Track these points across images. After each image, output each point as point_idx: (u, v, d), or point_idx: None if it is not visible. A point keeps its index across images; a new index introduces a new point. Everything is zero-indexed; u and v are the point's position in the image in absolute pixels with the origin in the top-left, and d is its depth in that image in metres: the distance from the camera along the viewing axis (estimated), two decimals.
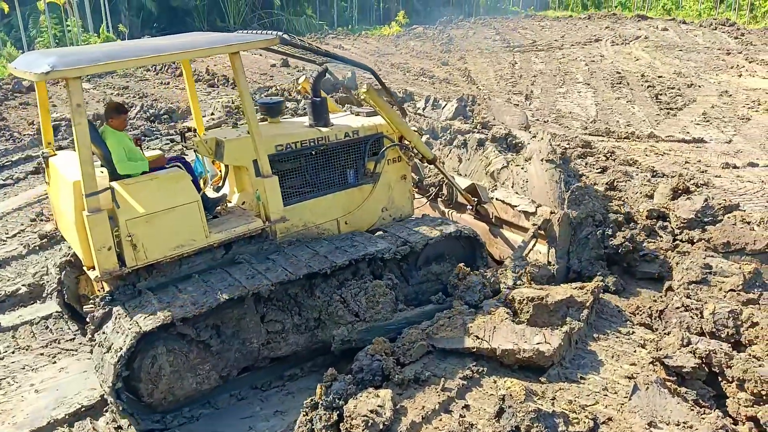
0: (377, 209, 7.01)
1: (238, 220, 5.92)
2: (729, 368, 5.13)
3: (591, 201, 7.59)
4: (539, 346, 5.39)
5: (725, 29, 36.39)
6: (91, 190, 4.93)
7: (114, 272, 5.16)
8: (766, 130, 15.03)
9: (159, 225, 5.27)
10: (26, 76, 5.06)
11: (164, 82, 23.00)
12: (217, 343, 5.43)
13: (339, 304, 5.86)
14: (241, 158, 6.02)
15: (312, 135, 6.48)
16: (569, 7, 64.28)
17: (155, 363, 5.13)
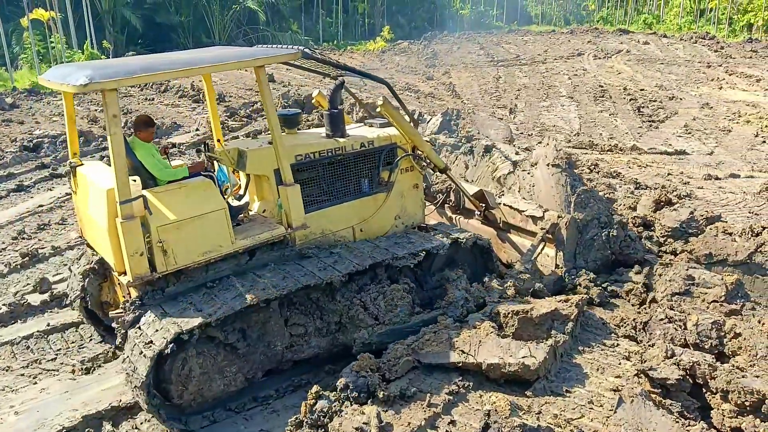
0: (391, 217, 7.19)
1: (261, 228, 6.11)
2: (713, 379, 5.15)
3: (596, 204, 7.83)
4: (524, 360, 5.38)
5: (705, 43, 36.98)
6: (125, 197, 5.10)
7: (145, 277, 5.31)
8: (747, 142, 15.24)
9: (188, 231, 5.44)
10: (63, 88, 5.20)
11: (149, 97, 22.94)
12: (243, 345, 5.57)
13: (359, 307, 6.03)
14: (263, 168, 6.21)
15: (330, 145, 6.67)
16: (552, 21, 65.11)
17: (186, 365, 5.27)
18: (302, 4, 50.61)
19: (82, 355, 6.69)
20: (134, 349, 5.20)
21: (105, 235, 5.43)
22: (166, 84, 24.70)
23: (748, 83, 23.69)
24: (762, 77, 24.60)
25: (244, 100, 21.46)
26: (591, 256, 7.54)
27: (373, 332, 5.97)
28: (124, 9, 37.56)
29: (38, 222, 10.75)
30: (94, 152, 14.95)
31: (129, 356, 5.23)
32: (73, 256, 7.20)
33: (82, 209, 6.23)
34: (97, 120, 18.40)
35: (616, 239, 7.67)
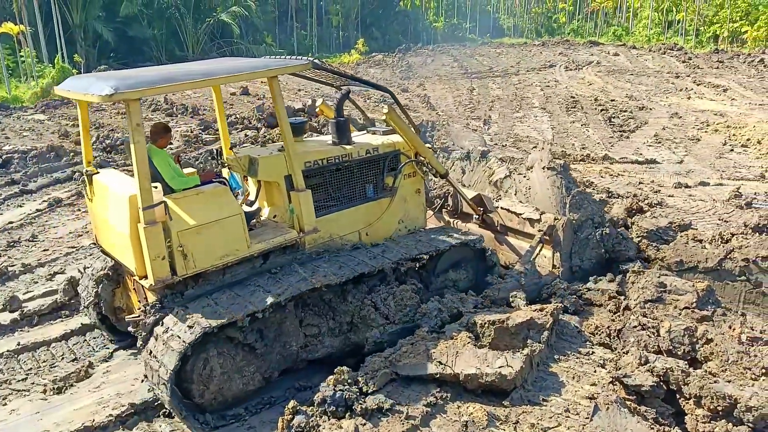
0: (394, 221, 7.42)
1: (274, 232, 6.28)
2: (686, 385, 5.22)
3: (590, 205, 8.18)
4: (501, 370, 5.40)
5: (673, 53, 37.77)
6: (147, 203, 5.23)
7: (166, 280, 5.44)
8: (716, 150, 15.57)
9: (207, 236, 5.59)
10: (86, 98, 5.37)
11: (121, 111, 22.67)
12: (261, 346, 5.74)
13: (370, 308, 6.24)
14: (274, 174, 6.40)
15: (337, 152, 6.88)
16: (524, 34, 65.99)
17: (207, 365, 5.43)
18: (276, 17, 50.69)
19: (53, 375, 6.56)
20: (159, 346, 5.30)
21: (126, 240, 5.52)
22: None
23: (716, 93, 24.25)
24: (729, 87, 25.20)
25: None
26: (586, 255, 7.79)
27: (385, 331, 6.21)
28: (96, 23, 37.25)
29: (8, 239, 10.54)
30: (65, 167, 14.72)
31: (154, 354, 5.32)
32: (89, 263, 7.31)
33: (99, 216, 6.33)
34: (69, 135, 18.15)
35: (609, 238, 7.93)
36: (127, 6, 38.29)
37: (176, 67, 6.23)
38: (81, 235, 10.55)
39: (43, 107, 23.67)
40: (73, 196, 12.62)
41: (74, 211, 11.83)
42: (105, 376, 6.43)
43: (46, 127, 20.19)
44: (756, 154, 15.14)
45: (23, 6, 30.92)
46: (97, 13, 37.79)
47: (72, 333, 7.32)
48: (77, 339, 7.23)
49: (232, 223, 5.73)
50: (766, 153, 14.98)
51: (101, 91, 5.05)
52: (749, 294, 7.02)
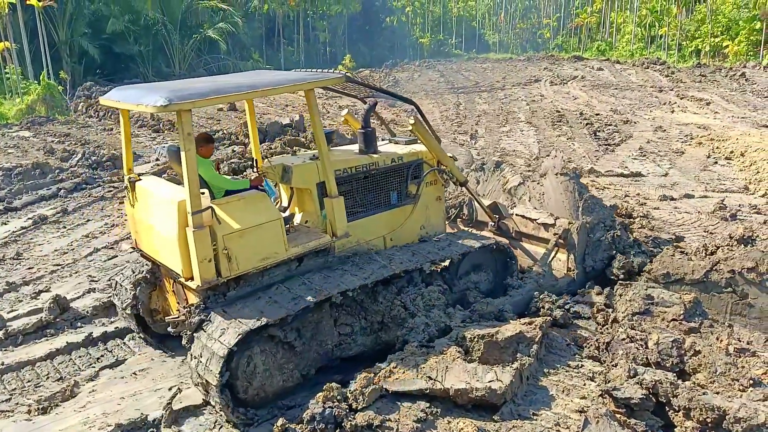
0: (416, 227, 7.72)
1: (308, 236, 6.54)
2: (675, 397, 5.23)
3: (601, 209, 8.57)
4: (491, 384, 5.39)
5: (657, 68, 38.29)
6: (196, 208, 5.47)
7: (212, 282, 5.67)
8: (700, 163, 15.74)
9: (249, 240, 5.84)
10: (139, 108, 5.59)
11: (107, 128, 22.61)
12: (299, 344, 5.97)
13: (400, 308, 6.50)
14: (306, 182, 6.75)
15: (365, 161, 7.22)
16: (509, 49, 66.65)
17: (251, 362, 5.66)
18: (263, 33, 50.91)
19: (38, 395, 6.45)
20: (209, 341, 5.51)
21: (174, 243, 5.72)
22: None
23: (699, 106, 24.56)
24: (711, 100, 25.54)
25: (206, 129, 21.31)
26: (598, 256, 8.10)
27: (416, 330, 6.34)
28: (82, 39, 37.20)
29: None
30: (50, 184, 14.61)
31: (202, 350, 5.54)
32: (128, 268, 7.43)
33: (141, 221, 6.51)
34: (54, 152, 18.03)
35: (620, 240, 8.24)
36: (113, 23, 38.32)
37: (223, 79, 6.54)
38: (66, 252, 10.45)
39: (28, 124, 23.51)
40: (58, 213, 12.51)
41: (59, 229, 11.72)
42: (91, 396, 6.34)
43: (31, 144, 20.06)
44: (739, 166, 15.32)
45: (8, 23, 30.81)
46: (83, 30, 37.77)
47: (57, 352, 7.22)
48: (62, 358, 7.14)
49: (272, 228, 6.00)
50: (749, 165, 15.16)
51: (155, 102, 5.28)
52: (736, 305, 7.07)
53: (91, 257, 10.18)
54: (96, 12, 39.56)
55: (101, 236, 11.21)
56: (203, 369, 5.49)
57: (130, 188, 6.61)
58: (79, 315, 7.97)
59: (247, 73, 7.22)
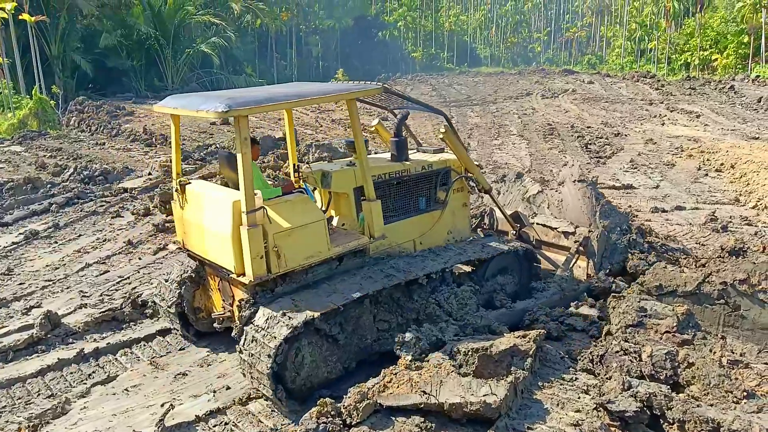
0: (444, 232, 8.06)
1: (348, 237, 6.88)
2: (669, 410, 5.22)
3: (616, 215, 8.99)
4: (486, 398, 5.37)
5: (646, 81, 38.61)
6: (251, 207, 5.79)
7: (263, 278, 5.98)
8: (691, 175, 15.86)
9: (296, 238, 6.18)
10: (200, 115, 5.93)
11: (99, 142, 22.57)
12: (342, 337, 6.26)
13: (434, 306, 6.84)
14: (344, 186, 7.17)
15: (398, 168, 7.63)
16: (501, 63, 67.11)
17: (299, 353, 5.93)
18: (256, 47, 51.10)
19: (29, 412, 6.38)
20: (261, 333, 5.82)
21: (227, 241, 6.04)
22: (117, 128, 24.39)
23: (689, 119, 24.78)
24: (701, 113, 25.78)
25: (198, 143, 21.31)
26: (615, 259, 8.39)
27: (449, 327, 6.63)
28: (74, 54, 37.19)
29: None
30: (42, 199, 14.54)
31: (254, 341, 5.84)
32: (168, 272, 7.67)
33: (191, 221, 6.82)
34: (46, 166, 17.98)
35: (636, 244, 8.56)
36: (106, 37, 38.37)
37: (273, 89, 7.05)
38: (57, 268, 10.39)
39: (19, 139, 23.43)
40: (49, 229, 12.45)
41: (51, 244, 11.66)
42: (82, 413, 6.27)
43: (22, 158, 19.99)
44: (730, 178, 15.44)
45: (0, 38, 30.81)
46: (76, 45, 37.79)
47: (48, 368, 7.14)
48: (53, 374, 7.06)
49: (317, 228, 6.35)
50: (739, 177, 15.28)
51: (216, 108, 5.66)
52: (728, 317, 7.09)
53: (83, 272, 10.11)
54: (88, 27, 39.64)
55: (93, 251, 11.15)
56: (255, 360, 5.76)
57: (180, 191, 6.89)
58: (71, 331, 7.91)
59: (291, 84, 7.70)
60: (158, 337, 7.73)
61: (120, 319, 8.19)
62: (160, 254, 10.82)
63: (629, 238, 8.55)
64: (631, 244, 8.52)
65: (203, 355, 7.22)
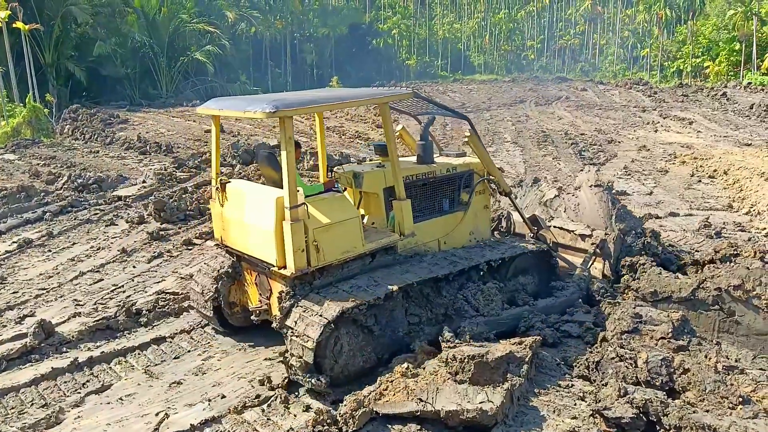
0: (466, 232, 8.32)
1: (379, 234, 7.20)
2: (665, 416, 5.22)
3: (631, 218, 9.39)
4: (482, 405, 5.37)
5: (639, 88, 38.83)
6: (294, 203, 6.11)
7: (303, 270, 6.29)
8: (684, 182, 15.93)
9: (334, 234, 6.49)
10: (247, 115, 6.27)
11: (93, 150, 22.51)
12: (377, 329, 6.54)
13: (462, 301, 7.16)
14: (374, 186, 7.50)
15: (424, 170, 7.95)
16: (494, 71, 67.38)
17: (338, 342, 6.22)
18: (251, 55, 51.17)
19: (22, 422, 6.33)
20: (303, 322, 6.10)
21: (269, 236, 6.34)
22: (111, 136, 24.34)
23: (682, 126, 24.91)
24: (694, 120, 25.93)
25: (193, 151, 21.29)
26: None
27: (476, 323, 6.94)
28: (68, 62, 37.14)
29: None
30: (36, 207, 14.48)
31: (296, 330, 6.11)
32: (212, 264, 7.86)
33: (231, 218, 7.11)
34: (39, 175, 17.92)
35: (650, 246, 8.75)
36: (100, 46, 38.33)
37: (313, 93, 7.53)
38: (51, 276, 10.34)
39: (13, 147, 23.35)
40: (43, 237, 12.39)
41: (44, 253, 11.60)
42: (76, 422, 6.23)
43: (16, 167, 19.91)
44: (723, 184, 15.51)
45: None
46: (70, 53, 37.75)
47: (42, 378, 7.09)
48: (47, 384, 7.01)
49: (352, 224, 6.68)
50: (732, 183, 15.35)
51: (264, 108, 6.01)
52: (723, 323, 7.12)
53: (77, 281, 10.06)
54: (83, 35, 39.58)
55: (87, 260, 11.10)
56: (298, 347, 6.05)
57: (221, 189, 7.17)
58: (65, 340, 7.86)
59: (324, 89, 8.28)
60: (153, 346, 7.69)
61: (114, 328, 8.14)
62: (154, 262, 10.78)
63: (644, 241, 8.76)
64: (645, 247, 8.70)
65: (198, 364, 7.19)
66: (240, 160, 18.70)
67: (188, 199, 14.09)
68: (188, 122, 28.42)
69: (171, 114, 31.64)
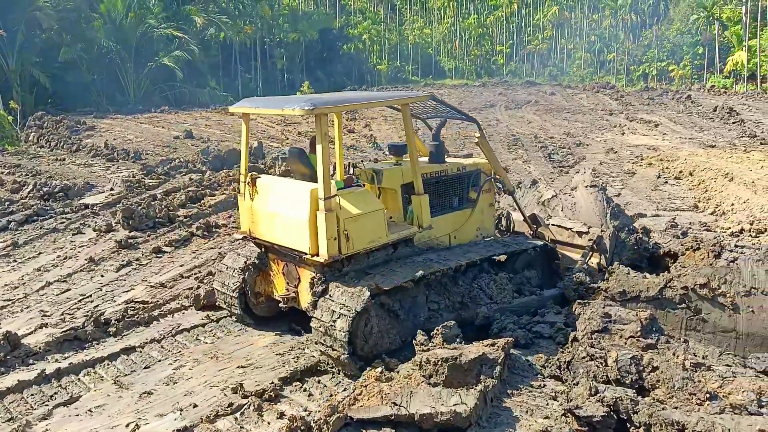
0: (474, 229, 8.86)
1: (400, 227, 7.75)
2: (635, 414, 5.30)
3: (624, 216, 9.94)
4: (456, 408, 5.39)
5: (606, 92, 39.48)
6: (328, 194, 6.62)
7: (335, 257, 6.78)
8: (651, 183, 16.23)
9: (362, 224, 6.99)
10: (285, 112, 7.08)
11: (59, 158, 22.08)
12: (402, 313, 7.08)
13: (478, 290, 7.73)
14: (393, 183, 8.06)
15: (437, 168, 8.51)
16: (464, 75, 67.85)
17: (368, 323, 6.73)
18: (220, 60, 50.74)
19: (9, 428, 6.17)
20: (336, 304, 6.62)
21: (303, 225, 6.82)
22: (78, 143, 23.92)
23: (648, 128, 25.38)
24: (660, 122, 26.44)
25: (161, 158, 21.03)
26: (624, 255, 9.12)
27: (491, 309, 7.64)
28: (33, 68, 36.38)
29: None
30: (0, 217, 14.14)
31: (330, 311, 6.62)
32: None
33: (261, 211, 7.56)
34: (4, 183, 17.52)
35: (642, 241, 9.31)
36: (65, 51, 37.65)
37: (343, 94, 8.22)
38: (17, 287, 10.10)
39: None
40: (8, 247, 12.11)
41: (10, 263, 11.34)
42: None
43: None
44: (688, 185, 15.85)
45: None
46: (34, 59, 36.97)
47: (8, 391, 6.91)
48: (13, 397, 6.84)
49: (378, 216, 7.17)
50: (698, 184, 15.69)
51: (303, 106, 6.61)
52: (690, 321, 7.26)
53: (43, 291, 9.85)
54: (47, 40, 38.82)
55: (53, 269, 10.88)
56: (330, 328, 6.54)
57: (251, 183, 7.64)
58: (31, 351, 7.68)
59: (348, 92, 9.23)
60: (122, 356, 7.56)
61: (82, 338, 7.98)
62: (123, 271, 10.62)
63: (636, 237, 9.31)
64: (637, 242, 9.24)
65: (169, 373, 7.09)
66: (210, 166, 18.53)
67: (157, 207, 13.91)
68: (157, 128, 28.09)
69: (139, 120, 31.22)
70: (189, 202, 14.74)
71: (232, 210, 14.14)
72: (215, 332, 8.17)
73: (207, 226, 12.80)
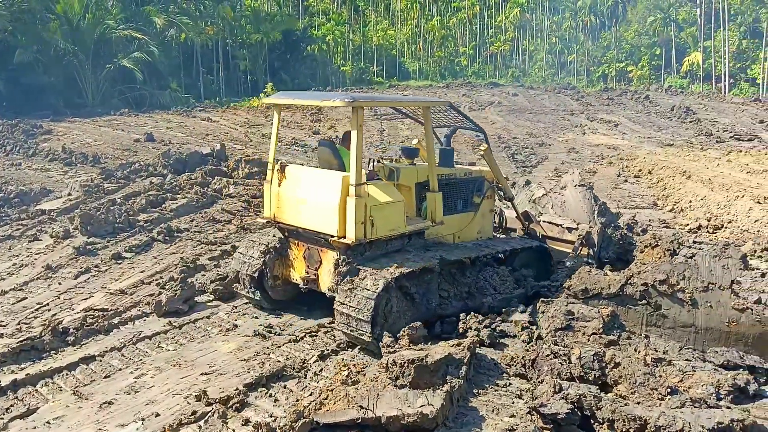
0: (475, 231, 9.44)
1: (415, 220, 8.34)
2: (599, 410, 5.36)
3: (610, 213, 10.76)
4: (422, 409, 5.38)
5: (567, 92, 40.08)
6: (359, 181, 7.21)
7: (361, 241, 7.33)
8: (612, 182, 16.53)
9: (385, 212, 7.58)
10: (325, 104, 8.22)
11: (15, 163, 21.45)
12: (418, 297, 7.52)
13: (483, 281, 8.28)
14: (408, 180, 8.51)
15: (447, 171, 9.06)
16: (429, 77, 68.16)
17: (389, 303, 7.18)
18: (181, 61, 49.95)
19: None
20: (361, 283, 7.09)
21: (334, 210, 7.34)
22: (34, 147, 23.29)
23: (608, 128, 25.86)
24: (619, 122, 26.97)
25: (121, 161, 20.60)
26: (610, 249, 9.74)
27: (495, 298, 8.20)
28: None
29: None
30: None
31: (355, 289, 7.08)
32: None
33: (289, 196, 8.03)
34: None
35: (626, 237, 9.95)
36: (20, 53, 36.59)
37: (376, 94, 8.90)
38: None
39: None
40: None
41: None
42: None
43: None
44: (648, 183, 16.18)
45: None
46: None
47: None
48: None
49: (398, 207, 7.79)
50: (656, 182, 16.04)
51: (344, 98, 7.31)
52: (650, 317, 7.40)
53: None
54: (1, 42, 37.73)
55: (9, 278, 10.55)
56: (353, 308, 6.99)
57: (280, 170, 8.10)
58: None
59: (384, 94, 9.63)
60: (81, 365, 7.35)
61: (39, 348, 7.74)
62: (81, 278, 10.35)
63: (621, 233, 10.03)
64: (622, 238, 9.91)
65: (130, 382, 6.92)
66: (171, 169, 18.20)
67: (116, 212, 13.59)
68: (116, 131, 27.52)
69: (98, 123, 30.54)
70: (150, 207, 14.45)
71: (194, 214, 13.93)
72: (178, 339, 8.02)
73: (168, 230, 12.57)
